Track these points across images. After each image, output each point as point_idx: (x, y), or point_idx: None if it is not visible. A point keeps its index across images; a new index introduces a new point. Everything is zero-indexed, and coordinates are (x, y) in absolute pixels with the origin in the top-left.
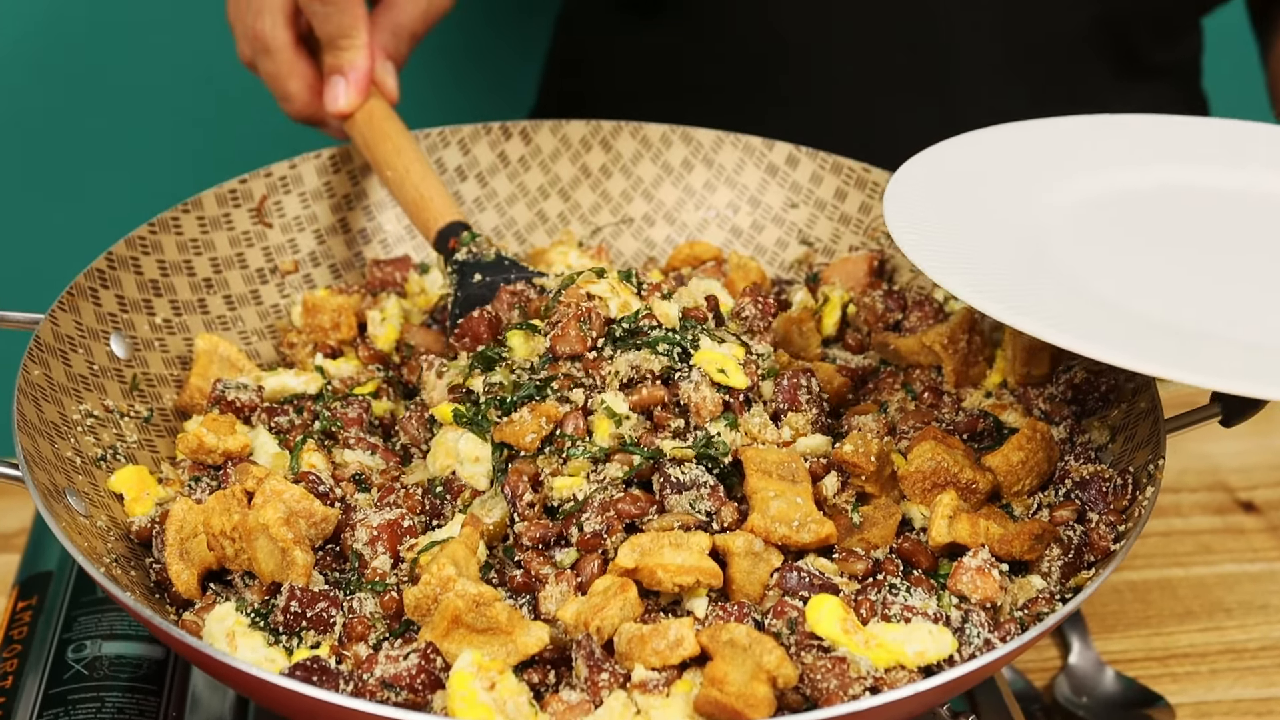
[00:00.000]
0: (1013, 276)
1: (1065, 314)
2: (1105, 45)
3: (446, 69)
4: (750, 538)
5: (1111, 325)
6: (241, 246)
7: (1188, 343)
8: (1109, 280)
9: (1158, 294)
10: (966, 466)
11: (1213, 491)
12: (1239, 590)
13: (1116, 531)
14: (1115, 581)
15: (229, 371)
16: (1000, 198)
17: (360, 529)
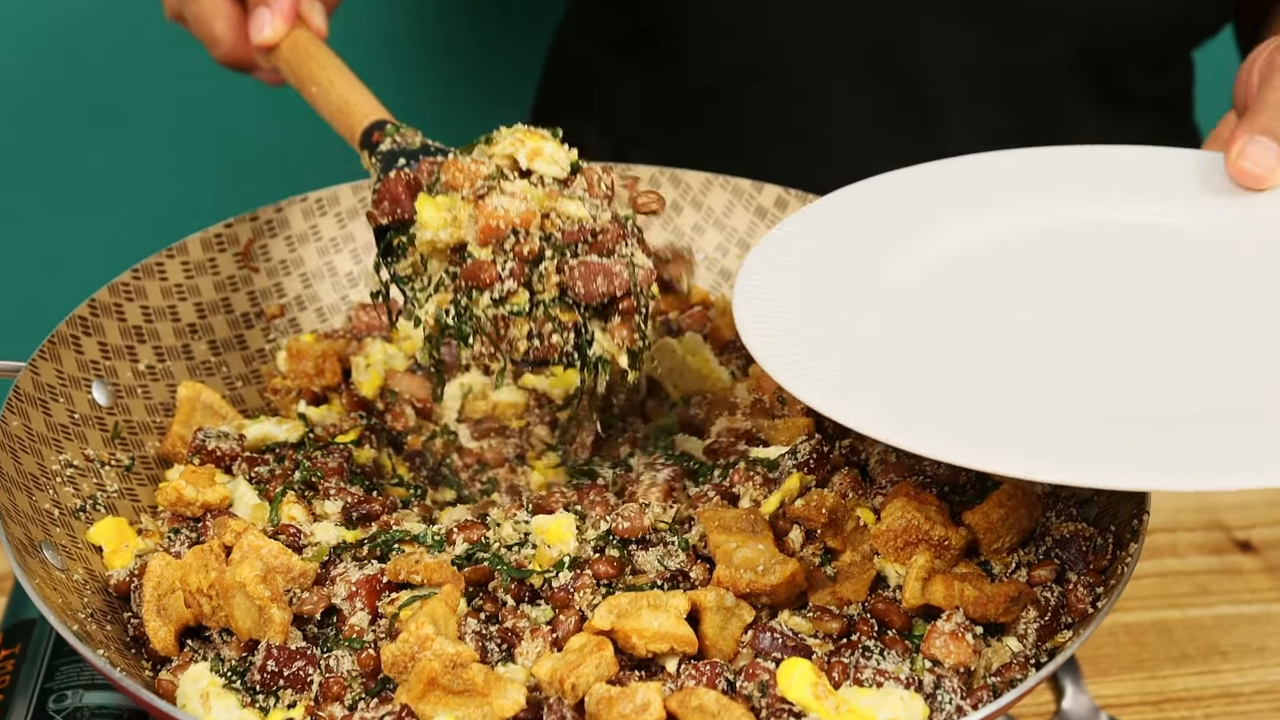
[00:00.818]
0: (865, 370)
1: (919, 413)
2: (1090, 78)
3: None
4: (721, 592)
5: (974, 419)
6: (226, 291)
7: (1070, 431)
8: (976, 356)
9: (1030, 367)
10: (938, 524)
11: (1209, 531)
12: (1235, 633)
13: (1094, 594)
14: (1110, 624)
15: (212, 419)
16: (863, 267)
17: (339, 584)
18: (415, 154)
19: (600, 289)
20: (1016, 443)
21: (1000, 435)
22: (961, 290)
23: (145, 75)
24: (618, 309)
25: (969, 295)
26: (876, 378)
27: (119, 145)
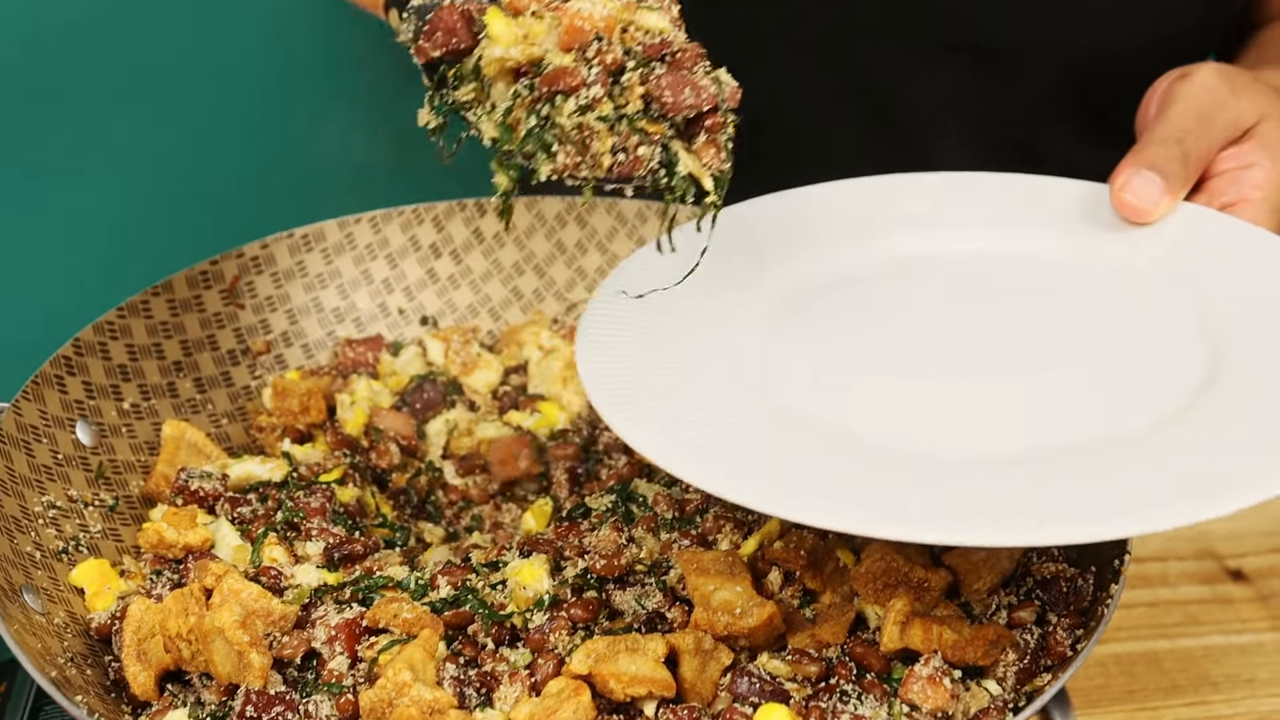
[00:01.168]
0: (698, 420)
1: (746, 461)
2: (1072, 107)
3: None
4: (699, 635)
5: (799, 469)
6: (212, 328)
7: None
8: (812, 397)
9: (877, 412)
10: (918, 566)
11: (1201, 560)
12: (1226, 663)
13: (1074, 636)
14: (1100, 655)
15: (196, 458)
16: (713, 303)
17: (319, 627)
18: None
19: (688, 101)
20: (844, 494)
21: (825, 487)
22: (812, 327)
23: (128, 112)
24: (703, 126)
25: (818, 332)
26: (710, 428)
27: (103, 183)
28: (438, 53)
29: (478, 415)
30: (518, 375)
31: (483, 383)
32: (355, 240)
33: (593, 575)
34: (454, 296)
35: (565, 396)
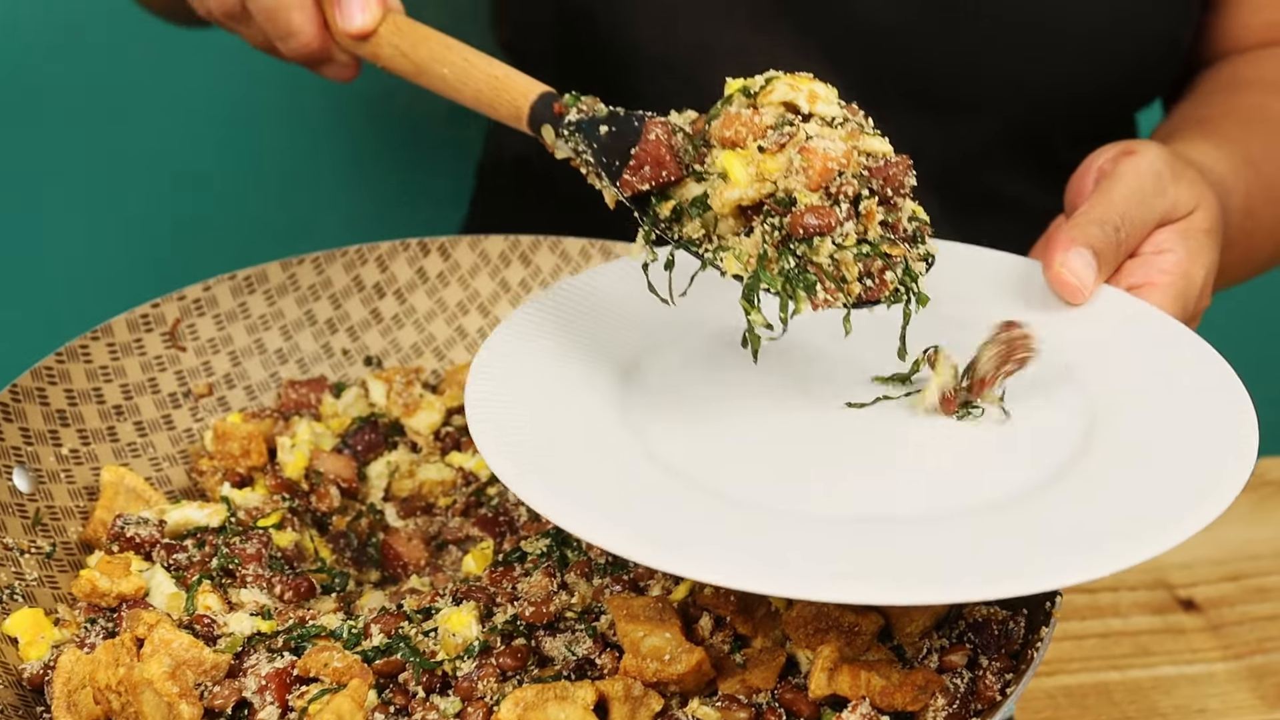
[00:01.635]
0: (582, 470)
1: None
2: (1025, 151)
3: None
4: (628, 681)
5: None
6: (154, 371)
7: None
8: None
9: (749, 470)
10: (848, 611)
11: (1154, 590)
12: (1176, 694)
13: (1003, 680)
14: (1050, 687)
15: (135, 503)
16: (593, 358)
17: (250, 677)
18: (610, 120)
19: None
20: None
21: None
22: (691, 383)
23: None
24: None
25: (695, 389)
26: (595, 480)
27: (39, 228)
28: (645, 186)
29: (420, 456)
30: (460, 416)
31: (425, 424)
32: (299, 281)
33: (522, 622)
34: (398, 336)
35: None
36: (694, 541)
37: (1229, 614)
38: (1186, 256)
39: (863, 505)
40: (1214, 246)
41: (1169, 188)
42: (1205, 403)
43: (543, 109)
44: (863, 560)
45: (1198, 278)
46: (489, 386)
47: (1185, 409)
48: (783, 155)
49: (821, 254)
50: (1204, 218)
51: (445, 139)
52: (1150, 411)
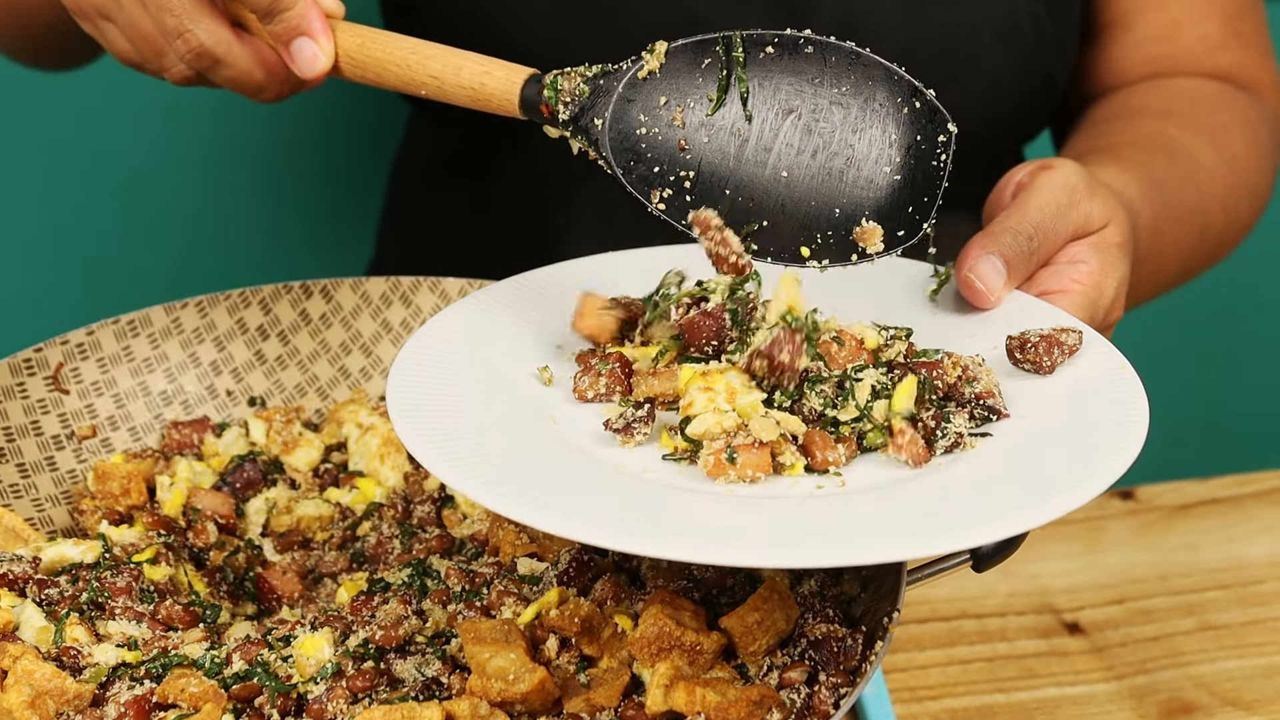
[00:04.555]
0: (500, 451)
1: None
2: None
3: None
4: (475, 701)
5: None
6: (36, 414)
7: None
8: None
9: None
10: (690, 630)
11: (1040, 614)
12: (1059, 714)
13: (837, 695)
14: (936, 710)
15: (13, 542)
16: (508, 350)
17: (110, 705)
18: (595, 102)
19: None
20: (588, 511)
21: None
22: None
23: None
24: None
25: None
26: (494, 447)
27: None
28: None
29: (298, 493)
30: (339, 453)
31: (304, 461)
32: (182, 324)
33: (373, 645)
34: (282, 377)
35: (382, 472)
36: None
37: (1113, 636)
38: (1099, 268)
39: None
40: (1125, 261)
41: (1083, 202)
42: (1099, 389)
43: (528, 108)
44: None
45: (1109, 289)
46: (412, 373)
47: (1080, 396)
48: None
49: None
50: (1116, 232)
51: (348, 180)
52: (1049, 399)
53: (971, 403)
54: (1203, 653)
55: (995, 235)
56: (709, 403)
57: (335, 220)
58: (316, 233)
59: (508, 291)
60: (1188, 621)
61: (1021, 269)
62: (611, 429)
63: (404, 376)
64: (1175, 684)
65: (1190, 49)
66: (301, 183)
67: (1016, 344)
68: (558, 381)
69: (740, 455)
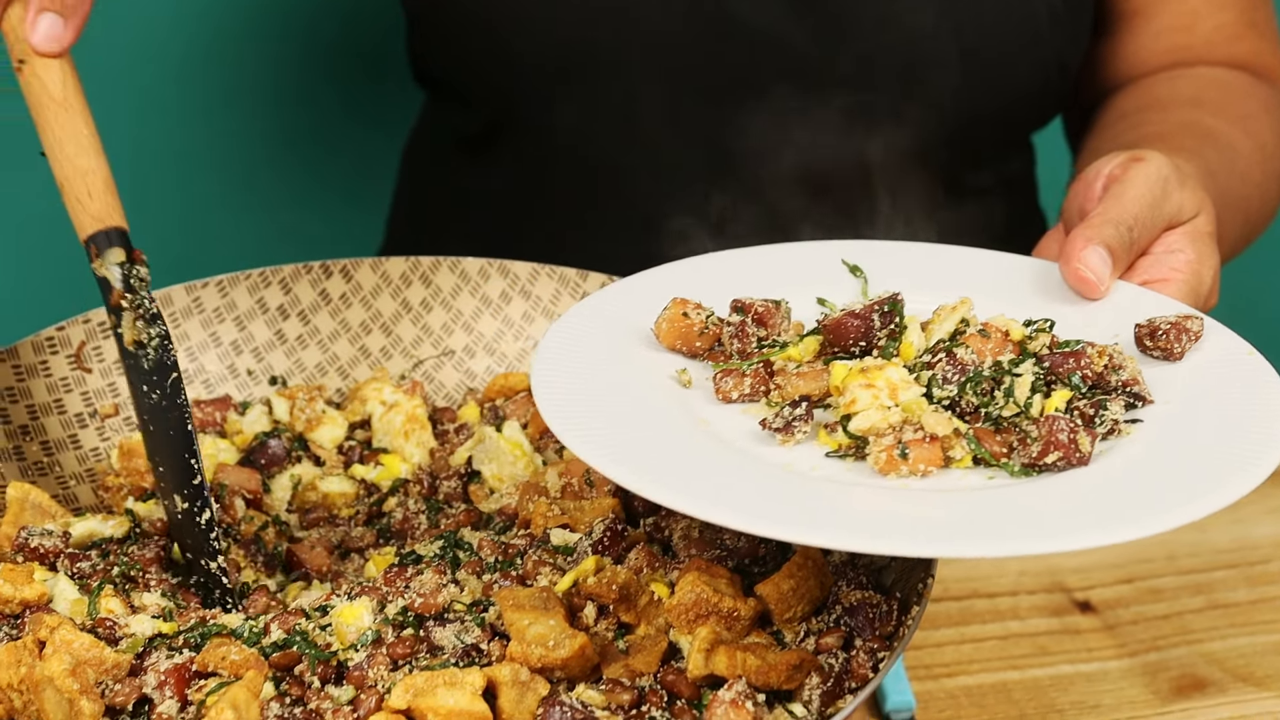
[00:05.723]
0: (651, 439)
1: (696, 478)
2: (918, 173)
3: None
4: (515, 667)
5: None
6: (59, 392)
7: (832, 499)
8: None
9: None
10: (727, 597)
11: (1051, 593)
12: (1073, 691)
13: (875, 659)
14: (951, 688)
15: (40, 519)
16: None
17: (150, 673)
18: (158, 356)
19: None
20: (771, 508)
21: (756, 500)
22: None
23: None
24: None
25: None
26: (659, 445)
27: None
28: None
29: (323, 470)
30: (362, 430)
31: (328, 438)
32: (203, 304)
33: (412, 613)
34: (302, 356)
35: (407, 449)
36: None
37: (1124, 614)
38: (1196, 257)
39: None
40: (1216, 249)
41: (1175, 192)
42: (1236, 382)
43: (120, 238)
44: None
45: (1207, 276)
46: (554, 357)
47: (1216, 381)
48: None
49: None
50: (1207, 221)
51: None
52: (1185, 385)
53: (1119, 390)
54: (1213, 630)
55: (1097, 227)
56: (873, 399)
57: (346, 203)
58: (328, 215)
59: (630, 289)
60: (1197, 600)
61: (1124, 259)
62: (770, 429)
63: (551, 397)
64: (1187, 661)
65: (1209, 39)
66: (313, 166)
67: (1146, 331)
68: (695, 383)
69: (912, 450)
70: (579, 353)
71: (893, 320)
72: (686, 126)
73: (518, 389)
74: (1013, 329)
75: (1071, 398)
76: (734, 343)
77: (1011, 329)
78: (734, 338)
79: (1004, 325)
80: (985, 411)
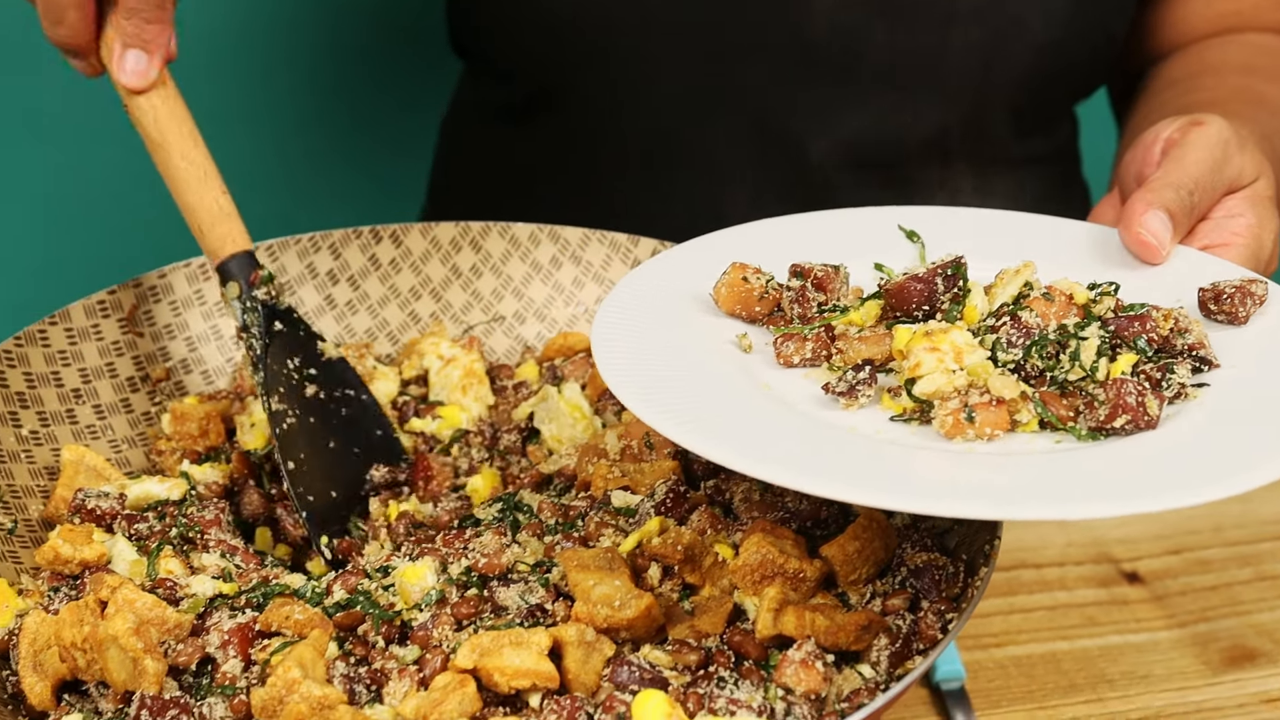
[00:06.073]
0: (715, 403)
1: (767, 444)
2: (963, 144)
3: (336, 175)
4: (581, 627)
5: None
6: (111, 356)
7: (904, 462)
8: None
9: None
10: (793, 558)
11: (1098, 564)
12: (1122, 661)
13: (944, 620)
14: (1000, 657)
15: (95, 481)
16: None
17: (213, 633)
18: (288, 319)
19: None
20: (839, 471)
21: (823, 464)
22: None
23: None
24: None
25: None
26: (723, 409)
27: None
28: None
29: None
30: (416, 386)
31: (381, 393)
32: None
33: (476, 573)
34: (352, 322)
35: (465, 403)
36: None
37: (1172, 585)
38: (1257, 221)
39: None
40: (1276, 214)
41: (1235, 156)
42: None
43: (237, 267)
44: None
45: (1268, 241)
46: (616, 320)
47: None
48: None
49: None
50: (1267, 185)
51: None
52: (1250, 349)
53: (1184, 354)
54: (1261, 601)
55: (1158, 191)
56: (938, 363)
57: (387, 171)
58: (369, 183)
59: (689, 254)
60: (1245, 571)
61: (1184, 224)
62: (834, 393)
63: (613, 360)
64: (1237, 631)
65: (1258, 4)
66: (353, 134)
67: (1210, 295)
68: (755, 347)
69: (978, 414)
70: (639, 317)
71: (956, 284)
72: (734, 94)
73: (577, 349)
74: (1077, 292)
75: (1137, 361)
76: (794, 307)
77: (1075, 292)
78: (794, 302)
79: (1068, 288)
80: (1050, 375)
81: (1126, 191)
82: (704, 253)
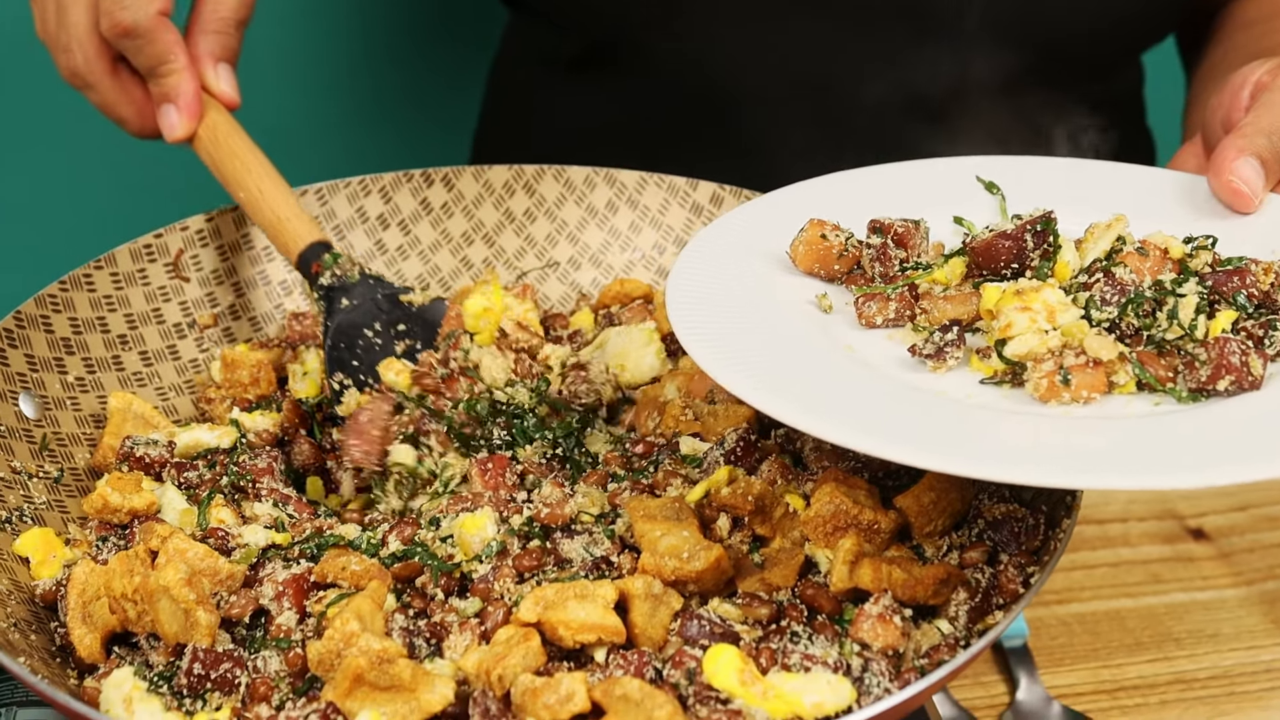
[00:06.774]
0: (790, 363)
1: (838, 405)
2: (1030, 92)
3: (383, 118)
4: (648, 579)
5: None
6: (158, 302)
7: (979, 427)
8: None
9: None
10: (867, 509)
11: (1162, 520)
12: (1188, 619)
13: (1025, 574)
14: (1063, 615)
15: (143, 429)
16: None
17: (266, 584)
18: (356, 289)
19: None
20: (927, 437)
21: (911, 430)
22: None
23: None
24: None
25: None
26: (802, 371)
27: (43, 158)
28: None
29: None
30: None
31: None
32: None
33: (538, 524)
34: (403, 267)
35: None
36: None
37: (1239, 542)
38: None
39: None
40: None
41: None
42: None
43: (303, 264)
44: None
45: None
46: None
47: None
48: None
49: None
50: None
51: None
52: None
53: None
54: None
55: (1249, 137)
56: (1030, 323)
57: (433, 119)
58: (415, 130)
59: (760, 210)
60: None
61: (1277, 171)
62: (921, 355)
63: (690, 322)
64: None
65: None
66: (400, 80)
67: None
68: (835, 308)
69: (1075, 376)
70: (713, 276)
71: (1046, 240)
72: (794, 45)
73: (634, 295)
74: (1172, 246)
75: (1237, 319)
76: (875, 265)
77: (1171, 246)
78: (875, 260)
79: (1162, 243)
80: (1147, 334)
81: (1213, 138)
82: (776, 209)
